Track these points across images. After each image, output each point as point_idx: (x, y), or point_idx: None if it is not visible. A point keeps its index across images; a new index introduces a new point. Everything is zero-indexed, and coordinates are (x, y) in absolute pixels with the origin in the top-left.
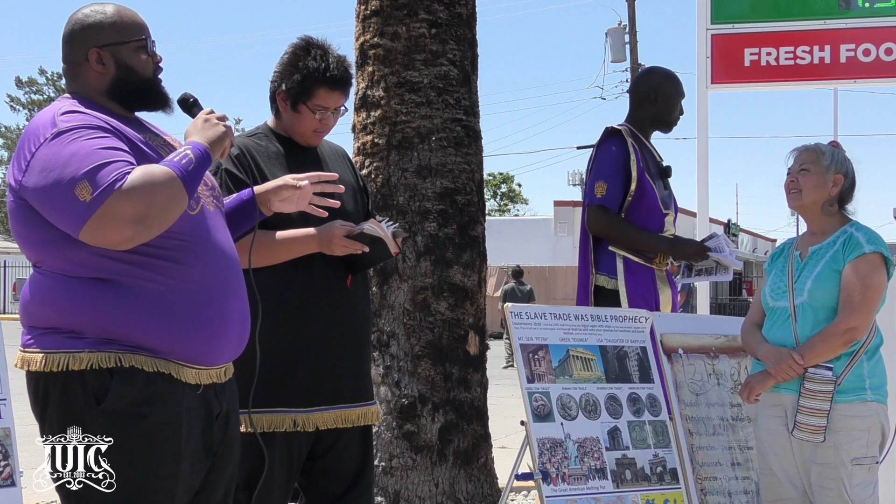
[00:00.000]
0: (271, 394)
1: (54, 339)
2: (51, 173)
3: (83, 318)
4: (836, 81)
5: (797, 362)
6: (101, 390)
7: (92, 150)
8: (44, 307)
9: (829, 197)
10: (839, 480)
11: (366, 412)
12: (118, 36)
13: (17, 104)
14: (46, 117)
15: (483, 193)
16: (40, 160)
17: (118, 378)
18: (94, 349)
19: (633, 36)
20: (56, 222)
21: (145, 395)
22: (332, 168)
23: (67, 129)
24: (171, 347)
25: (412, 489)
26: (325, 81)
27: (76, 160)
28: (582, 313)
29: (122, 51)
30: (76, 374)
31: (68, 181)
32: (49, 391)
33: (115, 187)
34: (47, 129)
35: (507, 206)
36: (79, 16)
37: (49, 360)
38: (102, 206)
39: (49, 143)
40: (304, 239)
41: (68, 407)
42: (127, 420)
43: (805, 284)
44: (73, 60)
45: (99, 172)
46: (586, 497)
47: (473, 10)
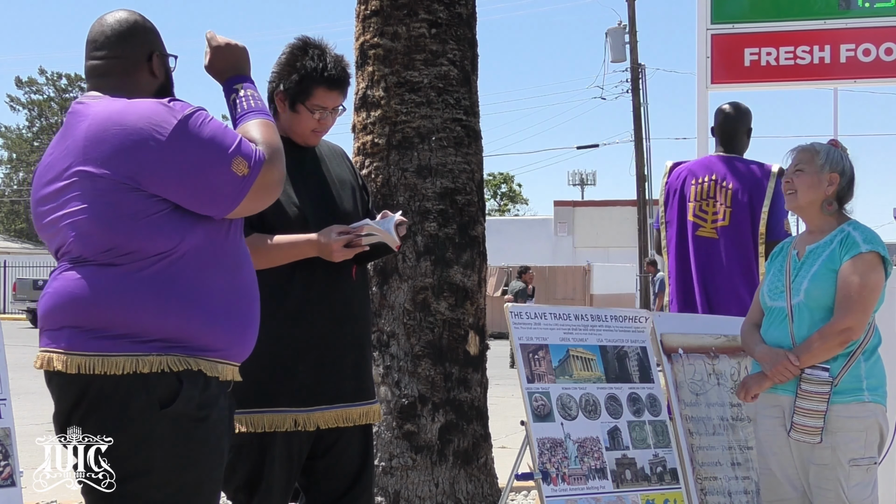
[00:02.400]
0: (272, 393)
1: (115, 342)
2: (200, 154)
3: (150, 319)
4: (836, 81)
5: (793, 363)
6: (167, 394)
7: (223, 128)
8: (110, 308)
9: (826, 196)
10: (837, 481)
11: (367, 411)
12: (164, 46)
13: (17, 104)
14: (150, 107)
15: (483, 193)
16: (178, 145)
17: (188, 382)
18: (162, 353)
19: (633, 36)
20: (202, 202)
21: (205, 398)
22: (330, 167)
23: (191, 114)
24: (229, 346)
25: (412, 489)
26: (322, 81)
27: (218, 140)
28: (582, 313)
29: (167, 61)
30: (140, 377)
31: (222, 159)
32: (102, 395)
33: (263, 157)
34: (164, 116)
35: (507, 206)
36: (136, 17)
37: (111, 363)
38: (260, 177)
39: (183, 127)
40: (302, 246)
41: (126, 412)
42: (189, 423)
43: (802, 284)
44: (133, 58)
45: (242, 147)
46: (586, 497)
47: (473, 10)
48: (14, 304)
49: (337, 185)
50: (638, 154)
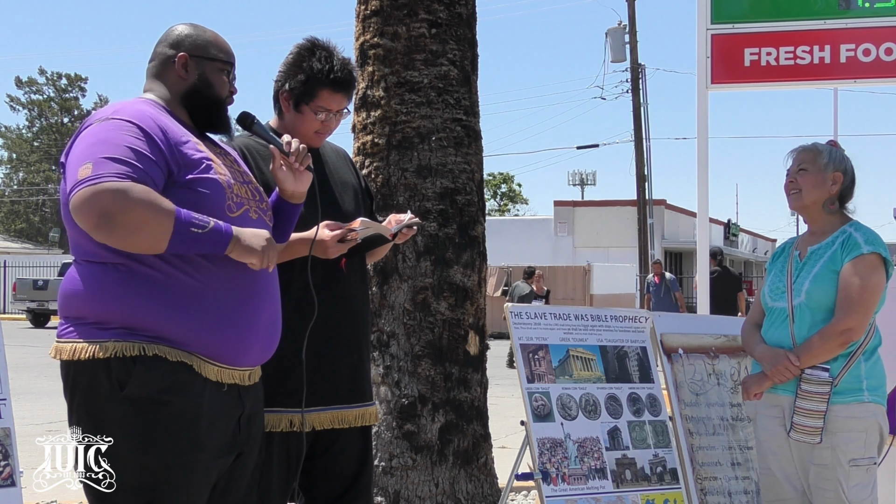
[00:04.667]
0: (268, 393)
1: (83, 329)
2: (77, 148)
3: (112, 308)
4: (836, 81)
5: (793, 364)
6: (124, 378)
7: (120, 144)
8: (75, 297)
9: (830, 195)
10: (836, 481)
11: (363, 413)
12: (208, 52)
13: (17, 104)
14: (110, 108)
15: (483, 193)
16: (82, 135)
17: (141, 365)
18: (119, 339)
19: (633, 36)
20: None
21: (167, 383)
22: (333, 169)
23: (116, 119)
24: (194, 341)
25: (412, 489)
26: (328, 83)
27: (100, 146)
28: (582, 313)
29: (207, 65)
30: (101, 362)
31: (82, 157)
32: (77, 380)
33: (109, 180)
34: (103, 114)
35: (507, 206)
36: (180, 27)
37: (77, 349)
38: (88, 189)
39: (95, 125)
40: (296, 245)
41: (94, 395)
42: (148, 407)
43: (803, 285)
44: (161, 59)
45: (107, 163)
46: (586, 497)
47: (473, 10)
48: (14, 304)
49: (339, 187)
50: (638, 154)
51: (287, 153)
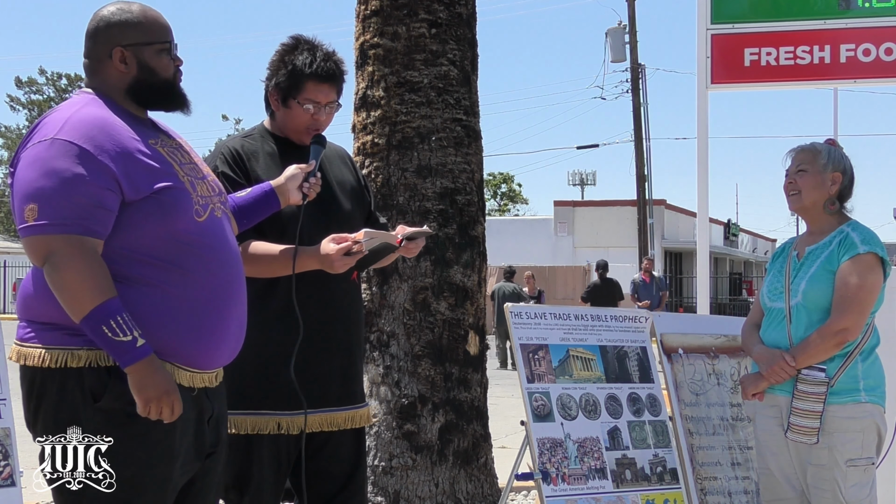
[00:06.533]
0: (257, 396)
1: (54, 335)
2: (22, 173)
3: None
4: (836, 81)
5: (789, 364)
6: (98, 388)
7: (65, 180)
8: (46, 302)
9: (829, 196)
10: (834, 481)
11: (353, 415)
12: (142, 37)
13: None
14: (58, 117)
15: (483, 193)
16: (29, 156)
17: (115, 376)
18: (92, 347)
19: (633, 36)
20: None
21: None
22: (331, 169)
23: (61, 140)
24: (168, 350)
25: (412, 489)
26: (311, 75)
27: (45, 179)
28: (582, 313)
29: (145, 52)
30: (74, 371)
31: (28, 192)
32: (46, 387)
33: (48, 231)
34: (48, 130)
35: (507, 206)
36: (104, 13)
37: (48, 356)
38: (34, 237)
39: (40, 146)
40: (303, 259)
41: (65, 404)
42: (123, 419)
43: (800, 286)
44: (96, 57)
45: (51, 209)
46: (586, 497)
47: (473, 10)
48: (14, 303)
49: (335, 186)
50: (638, 154)
51: (310, 175)
